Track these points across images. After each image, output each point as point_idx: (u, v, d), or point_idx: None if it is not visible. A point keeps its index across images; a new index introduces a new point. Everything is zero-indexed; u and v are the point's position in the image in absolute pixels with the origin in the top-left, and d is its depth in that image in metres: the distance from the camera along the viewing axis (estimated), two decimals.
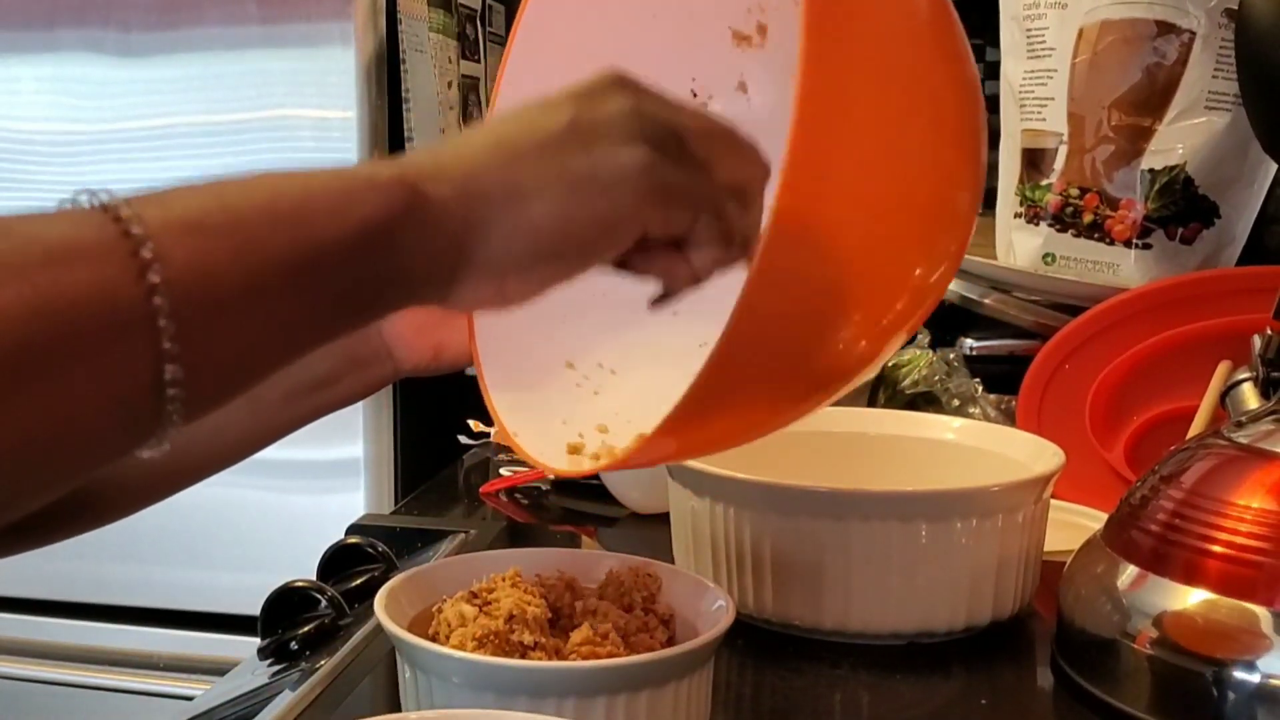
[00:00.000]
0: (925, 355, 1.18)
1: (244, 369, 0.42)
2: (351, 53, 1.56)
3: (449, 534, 0.95)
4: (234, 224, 0.40)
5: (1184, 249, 1.14)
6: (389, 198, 0.42)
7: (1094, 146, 1.14)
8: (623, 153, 0.46)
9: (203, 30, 1.61)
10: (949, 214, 0.52)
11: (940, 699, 0.69)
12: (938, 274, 0.52)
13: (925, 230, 0.51)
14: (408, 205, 0.43)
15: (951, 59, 0.52)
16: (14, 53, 1.68)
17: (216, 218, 0.40)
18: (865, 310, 0.50)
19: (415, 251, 0.43)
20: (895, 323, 0.51)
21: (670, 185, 0.47)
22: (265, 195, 0.41)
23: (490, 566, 0.62)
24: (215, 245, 0.39)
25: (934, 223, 0.52)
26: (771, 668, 0.70)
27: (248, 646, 0.80)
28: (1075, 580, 0.69)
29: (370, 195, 0.42)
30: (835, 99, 0.46)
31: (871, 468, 0.83)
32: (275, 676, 0.73)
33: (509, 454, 1.15)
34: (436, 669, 0.54)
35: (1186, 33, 1.10)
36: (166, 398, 0.38)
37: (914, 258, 0.51)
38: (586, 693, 0.52)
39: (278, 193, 0.42)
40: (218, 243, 0.39)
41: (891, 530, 0.70)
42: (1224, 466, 0.65)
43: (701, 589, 0.61)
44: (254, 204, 0.41)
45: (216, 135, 1.61)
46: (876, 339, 0.51)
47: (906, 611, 0.71)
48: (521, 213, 0.45)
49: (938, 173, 0.51)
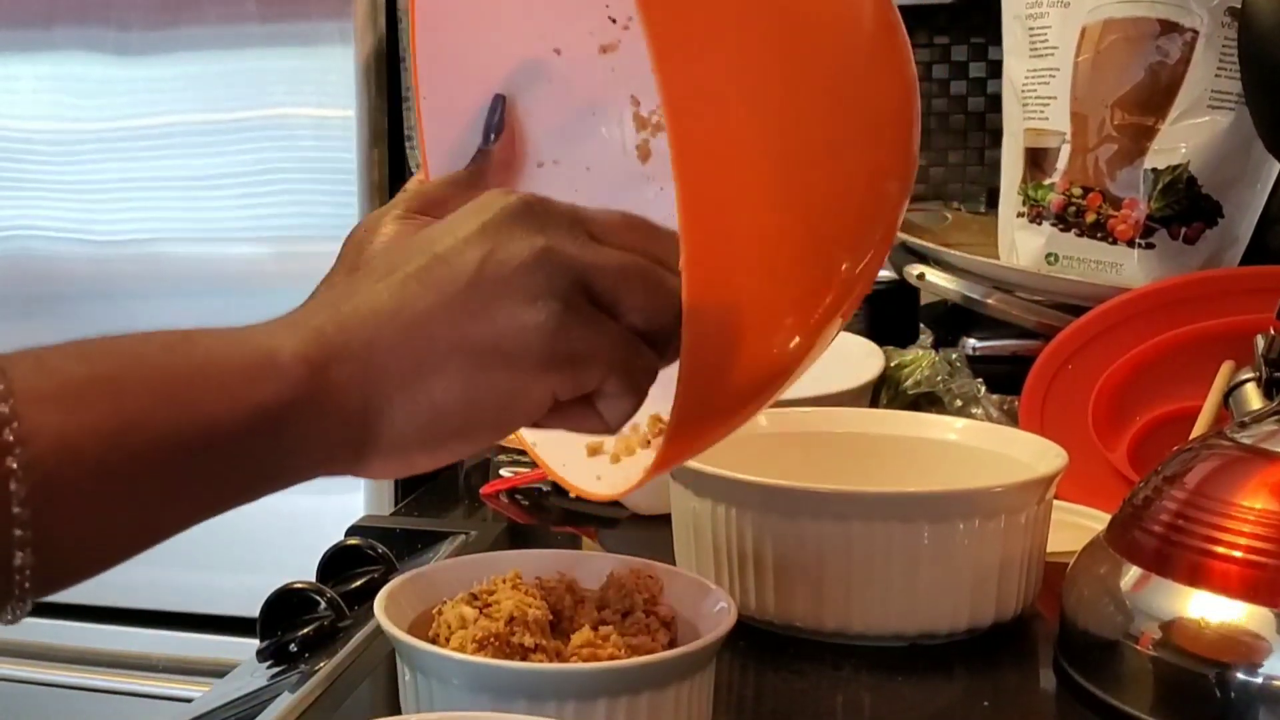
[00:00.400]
0: (928, 356, 1.17)
1: (104, 551, 0.39)
2: (351, 51, 1.56)
3: (449, 535, 0.95)
4: (115, 400, 0.38)
5: (1187, 249, 1.13)
6: (289, 383, 0.41)
7: (1097, 146, 1.14)
8: (527, 314, 0.43)
9: (202, 29, 1.60)
10: (874, 205, 0.50)
11: (942, 700, 0.69)
12: (864, 263, 0.50)
13: (848, 225, 0.49)
14: (308, 391, 0.41)
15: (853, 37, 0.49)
16: (12, 51, 1.67)
17: (97, 390, 0.38)
18: (796, 315, 0.49)
19: (312, 437, 0.42)
20: (825, 316, 0.50)
21: (576, 349, 0.44)
22: (156, 368, 0.39)
23: (490, 568, 0.62)
24: (91, 423, 0.37)
25: (858, 216, 0.50)
26: (773, 669, 0.70)
27: (247, 648, 0.79)
28: (1078, 581, 0.69)
29: (270, 378, 0.40)
30: (712, 124, 0.44)
31: (874, 468, 0.83)
32: (274, 678, 0.72)
33: (509, 455, 1.15)
34: (436, 671, 0.54)
35: (1189, 31, 1.10)
36: (15, 580, 0.37)
37: (839, 254, 0.49)
38: (587, 695, 0.52)
39: (170, 366, 0.40)
40: (94, 420, 0.37)
41: (894, 531, 0.70)
42: (1227, 467, 0.65)
43: (703, 590, 0.61)
44: (141, 377, 0.39)
45: (215, 134, 1.61)
46: (810, 334, 0.50)
47: (909, 613, 0.71)
48: (423, 392, 0.43)
49: (857, 166, 0.49)
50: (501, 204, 0.46)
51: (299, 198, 1.62)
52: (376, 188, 1.63)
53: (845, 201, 0.49)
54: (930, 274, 1.25)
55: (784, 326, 0.48)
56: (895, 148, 0.50)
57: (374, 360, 0.42)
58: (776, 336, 0.48)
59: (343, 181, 1.57)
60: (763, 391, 0.50)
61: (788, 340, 0.49)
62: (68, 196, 1.69)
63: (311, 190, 1.61)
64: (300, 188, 1.59)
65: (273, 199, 1.62)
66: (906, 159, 0.51)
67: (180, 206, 1.65)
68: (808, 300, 0.49)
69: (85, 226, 1.70)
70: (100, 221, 1.69)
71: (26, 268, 1.72)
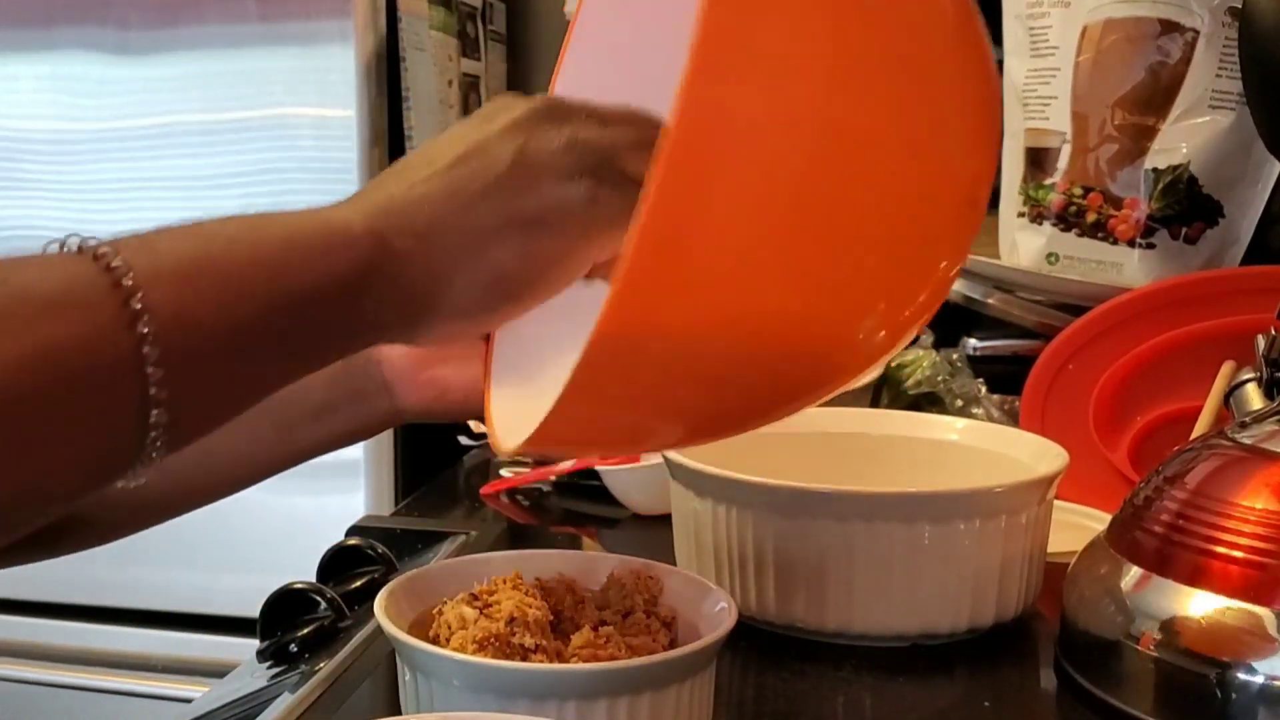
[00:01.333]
0: (928, 355, 1.17)
1: (223, 407, 0.44)
2: (351, 51, 1.56)
3: (449, 535, 0.95)
4: (218, 274, 0.43)
5: (1188, 249, 1.13)
6: (361, 253, 0.45)
7: (1097, 146, 1.14)
8: (568, 189, 0.48)
9: (202, 28, 1.60)
10: (970, 208, 0.47)
11: (943, 701, 0.69)
12: (956, 267, 0.48)
13: (950, 221, 0.46)
14: (378, 261, 0.46)
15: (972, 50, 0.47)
16: (12, 51, 1.67)
17: (202, 266, 0.42)
18: (889, 300, 0.46)
19: (383, 301, 0.46)
20: (916, 314, 0.47)
21: (614, 213, 0.48)
22: (247, 246, 0.44)
23: (490, 568, 0.62)
24: (201, 295, 0.42)
25: (960, 213, 0.47)
26: (774, 670, 0.70)
27: (247, 649, 0.79)
28: (1079, 581, 0.69)
29: (344, 249, 0.45)
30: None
31: (874, 468, 0.83)
32: (275, 679, 0.72)
33: None
34: (436, 671, 0.54)
35: (1190, 31, 1.10)
36: (149, 438, 0.41)
37: (942, 250, 0.46)
38: (588, 695, 0.52)
39: (259, 242, 0.44)
40: (203, 293, 0.42)
41: (894, 531, 0.69)
42: (1228, 467, 0.65)
43: (703, 591, 0.61)
44: (237, 256, 0.43)
45: (215, 134, 1.61)
46: (897, 330, 0.47)
47: (909, 613, 0.71)
48: (481, 260, 0.48)
49: (963, 164, 0.46)
50: (525, 104, 0.50)
51: (299, 198, 1.60)
52: None
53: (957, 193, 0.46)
54: None
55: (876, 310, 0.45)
56: (990, 149, 0.48)
57: (433, 235, 0.47)
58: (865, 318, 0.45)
59: (343, 181, 1.57)
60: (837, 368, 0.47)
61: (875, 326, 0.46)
62: (67, 196, 1.69)
63: (311, 190, 1.61)
64: (300, 188, 1.59)
65: (273, 199, 1.62)
66: (994, 162, 0.49)
67: (180, 206, 1.65)
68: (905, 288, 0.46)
69: (85, 226, 1.69)
70: (100, 221, 1.69)
71: None
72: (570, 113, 0.50)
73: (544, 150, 0.49)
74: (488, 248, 0.48)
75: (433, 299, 0.48)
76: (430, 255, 0.47)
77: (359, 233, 0.46)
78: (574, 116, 0.50)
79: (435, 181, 0.48)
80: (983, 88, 0.47)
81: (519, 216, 0.48)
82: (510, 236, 0.48)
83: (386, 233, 0.46)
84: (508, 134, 0.49)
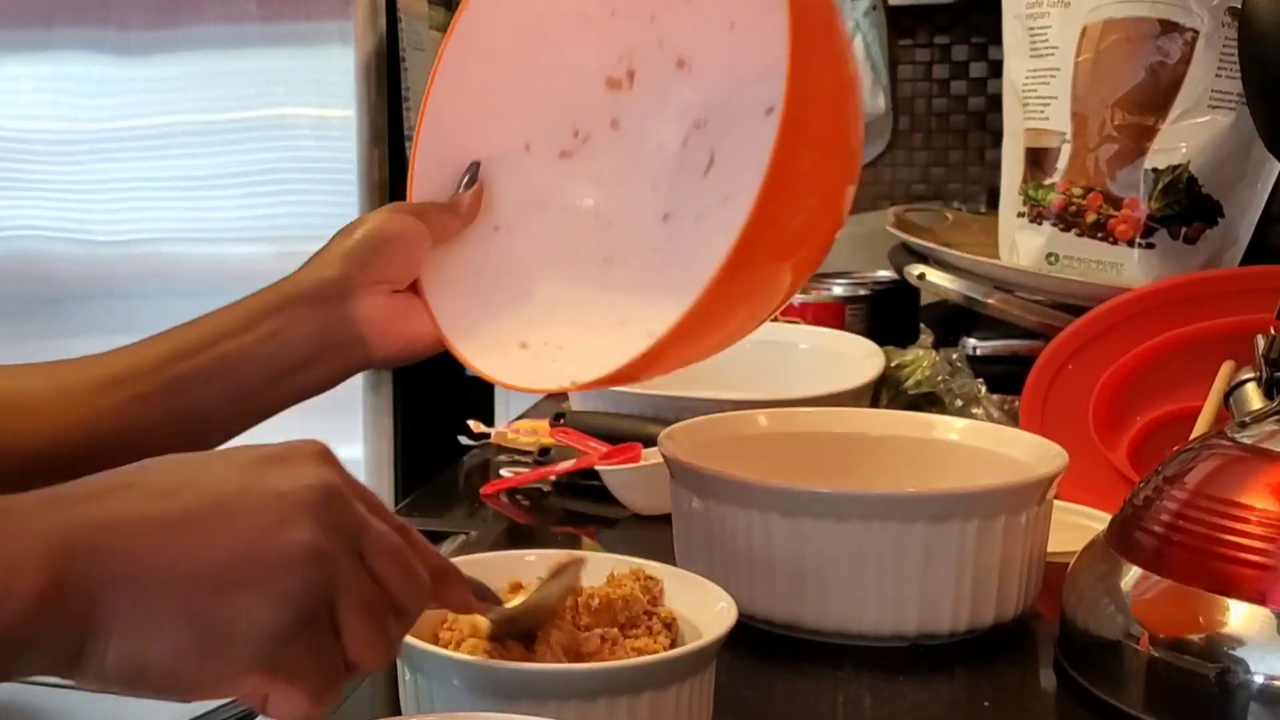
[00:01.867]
0: (928, 355, 1.17)
1: None
2: (351, 51, 1.56)
3: (449, 535, 0.95)
4: None
5: (1187, 249, 1.13)
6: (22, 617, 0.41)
7: (1097, 146, 1.14)
8: (268, 613, 0.43)
9: (202, 29, 1.61)
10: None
11: (943, 701, 0.69)
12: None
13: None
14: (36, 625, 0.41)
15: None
16: (12, 51, 1.67)
17: None
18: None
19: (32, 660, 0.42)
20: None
21: (290, 664, 0.44)
22: None
23: (490, 568, 0.62)
24: None
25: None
26: (774, 670, 0.70)
27: None
28: (1078, 581, 0.69)
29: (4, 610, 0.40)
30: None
31: (874, 468, 0.83)
32: None
33: (510, 455, 1.15)
34: (436, 671, 0.54)
35: (1190, 31, 1.10)
36: None
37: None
38: (587, 695, 0.52)
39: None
40: None
41: (894, 531, 0.69)
42: (1227, 467, 0.65)
43: (703, 591, 0.61)
44: None
45: (215, 134, 1.61)
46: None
47: (909, 613, 0.71)
48: (139, 647, 0.43)
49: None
50: (307, 479, 0.45)
51: (299, 198, 1.62)
52: (376, 188, 1.63)
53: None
54: (930, 274, 1.25)
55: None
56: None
57: (106, 600, 0.42)
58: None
59: (343, 181, 1.57)
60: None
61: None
62: (67, 197, 1.69)
63: (311, 190, 1.61)
64: (300, 188, 1.60)
65: (273, 199, 1.62)
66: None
67: (180, 206, 1.65)
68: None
69: (85, 227, 1.70)
70: (100, 222, 1.69)
71: (26, 268, 1.72)
72: (341, 525, 0.45)
73: (278, 551, 0.43)
74: (150, 638, 0.42)
75: (77, 664, 0.43)
76: (91, 622, 0.42)
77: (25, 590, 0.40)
78: (339, 531, 0.45)
79: (143, 531, 0.43)
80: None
81: (200, 619, 0.43)
82: (178, 637, 0.43)
83: (64, 581, 0.41)
84: (262, 508, 0.44)
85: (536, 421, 1.16)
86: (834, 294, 1.48)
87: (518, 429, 1.16)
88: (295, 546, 0.43)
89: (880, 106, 2.12)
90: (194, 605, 0.43)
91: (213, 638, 0.43)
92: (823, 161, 0.63)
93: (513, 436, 1.15)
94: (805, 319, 1.43)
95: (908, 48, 2.13)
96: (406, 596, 0.47)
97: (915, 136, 2.15)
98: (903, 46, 2.11)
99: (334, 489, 0.45)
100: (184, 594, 0.43)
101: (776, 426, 0.87)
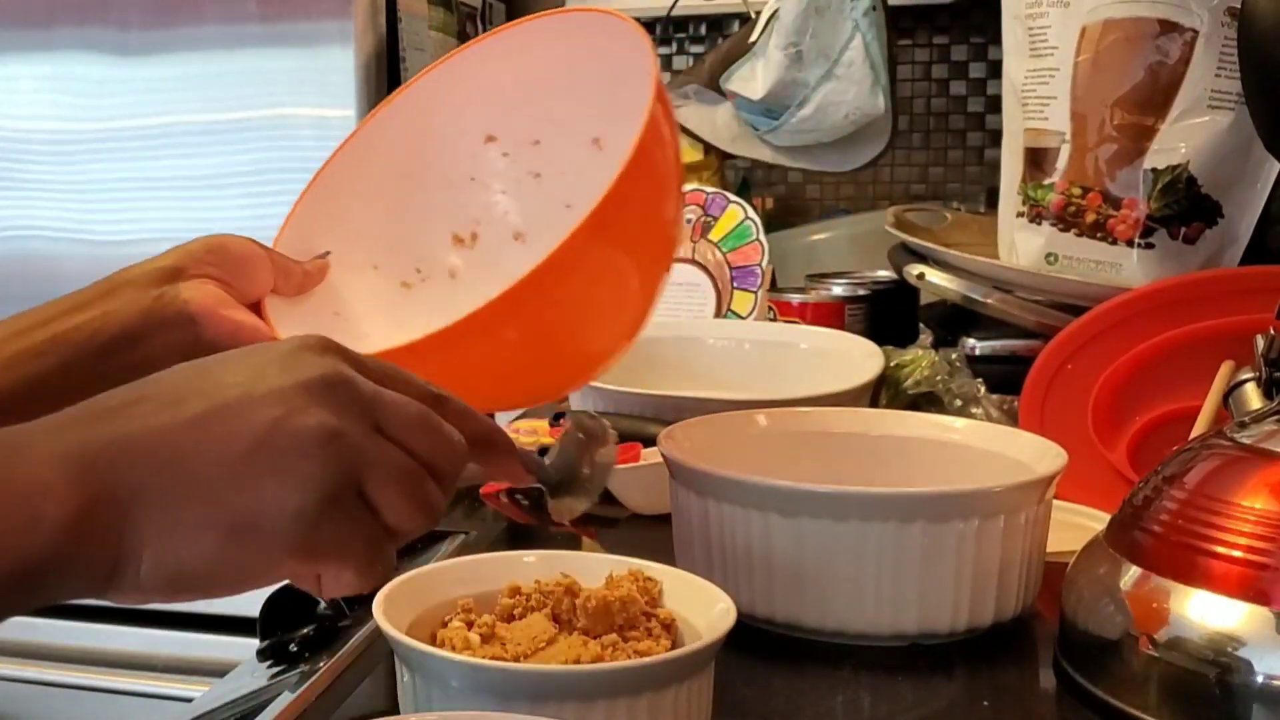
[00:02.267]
0: (927, 355, 1.17)
1: None
2: (351, 51, 1.56)
3: (448, 535, 0.95)
4: None
5: (1187, 249, 1.13)
6: (52, 541, 0.42)
7: (1096, 146, 1.14)
8: (293, 498, 0.45)
9: (202, 29, 1.61)
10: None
11: (942, 700, 0.69)
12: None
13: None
14: (67, 547, 0.42)
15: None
16: (12, 51, 1.67)
17: None
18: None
19: (67, 581, 0.43)
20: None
21: (327, 543, 0.46)
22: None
23: (490, 568, 0.62)
24: None
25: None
26: (773, 670, 0.70)
27: (247, 648, 0.79)
28: (1078, 581, 0.69)
29: (33, 535, 0.42)
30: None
31: (873, 468, 0.83)
32: (274, 678, 0.72)
33: None
34: (434, 672, 0.54)
35: (1189, 31, 1.10)
36: None
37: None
38: (586, 696, 0.52)
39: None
40: None
41: (894, 531, 0.69)
42: (1227, 467, 0.65)
43: (703, 591, 0.61)
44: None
45: (215, 134, 1.61)
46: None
47: (908, 613, 0.71)
48: (172, 551, 0.44)
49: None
50: (309, 371, 0.47)
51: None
52: None
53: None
54: (930, 274, 1.25)
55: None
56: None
57: (134, 511, 0.44)
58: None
59: None
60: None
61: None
62: (67, 196, 1.69)
63: None
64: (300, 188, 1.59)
65: (273, 199, 1.62)
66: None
67: (180, 206, 1.65)
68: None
69: (85, 226, 1.70)
70: (100, 221, 1.69)
71: (26, 268, 1.72)
72: (351, 401, 0.47)
73: (293, 438, 0.45)
74: (183, 539, 0.44)
75: (113, 579, 0.44)
76: (124, 533, 0.44)
77: (52, 515, 0.42)
78: (351, 409, 0.47)
79: (165, 437, 0.44)
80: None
81: (229, 514, 0.44)
82: (211, 534, 0.44)
83: (85, 504, 0.43)
84: (270, 400, 0.45)
85: (536, 421, 1.16)
86: (833, 294, 1.48)
87: (517, 428, 1.16)
88: (307, 431, 0.45)
89: (880, 106, 2.12)
90: (219, 502, 0.44)
91: (243, 529, 0.44)
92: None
93: (512, 436, 1.15)
94: (805, 319, 1.43)
95: (907, 48, 2.12)
96: (438, 458, 0.49)
97: (914, 136, 2.15)
98: (902, 46, 2.11)
99: (336, 373, 0.47)
100: (207, 493, 0.44)
101: (776, 426, 0.87)
